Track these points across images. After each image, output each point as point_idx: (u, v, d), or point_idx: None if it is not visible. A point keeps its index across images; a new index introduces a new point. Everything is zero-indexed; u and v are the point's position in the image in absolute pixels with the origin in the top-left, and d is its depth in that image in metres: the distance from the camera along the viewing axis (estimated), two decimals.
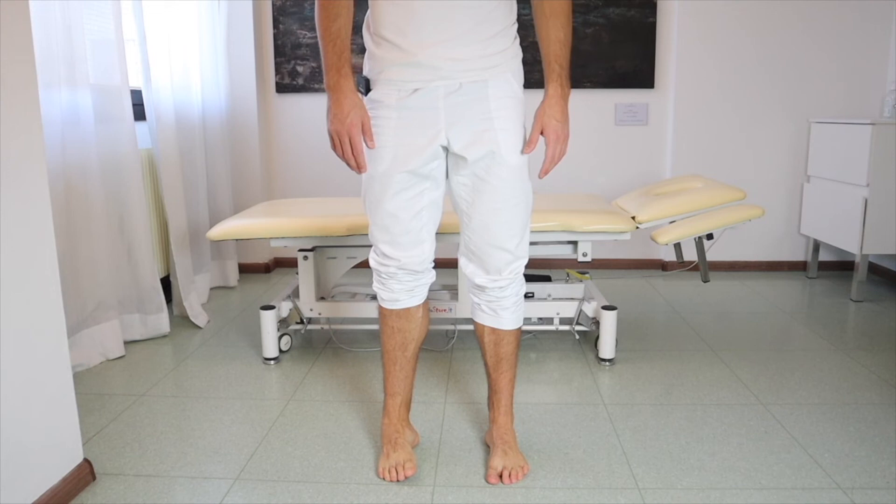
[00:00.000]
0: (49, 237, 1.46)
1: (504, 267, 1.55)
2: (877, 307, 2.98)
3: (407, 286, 1.61)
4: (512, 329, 1.64)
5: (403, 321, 1.64)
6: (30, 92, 1.41)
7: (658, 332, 2.67)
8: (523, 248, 1.57)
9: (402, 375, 1.69)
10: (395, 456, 1.63)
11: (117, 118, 2.41)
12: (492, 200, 1.49)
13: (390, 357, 1.67)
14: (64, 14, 2.13)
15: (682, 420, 1.92)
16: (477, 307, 1.65)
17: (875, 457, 1.70)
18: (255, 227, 2.25)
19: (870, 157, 2.93)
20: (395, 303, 1.62)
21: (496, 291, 1.59)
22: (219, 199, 3.28)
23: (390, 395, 1.70)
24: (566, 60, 1.48)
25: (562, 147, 1.52)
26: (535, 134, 1.50)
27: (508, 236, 1.52)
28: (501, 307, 1.61)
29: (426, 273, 1.62)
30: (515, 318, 1.64)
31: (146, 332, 2.56)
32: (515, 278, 1.59)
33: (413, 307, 1.64)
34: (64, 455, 1.53)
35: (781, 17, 3.39)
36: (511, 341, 1.65)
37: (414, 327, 1.66)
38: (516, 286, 1.61)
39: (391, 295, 1.62)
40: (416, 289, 1.62)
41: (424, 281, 1.63)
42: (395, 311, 1.63)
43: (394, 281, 1.60)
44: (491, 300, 1.61)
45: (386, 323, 1.65)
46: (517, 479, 1.60)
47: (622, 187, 3.60)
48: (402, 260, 1.56)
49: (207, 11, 3.10)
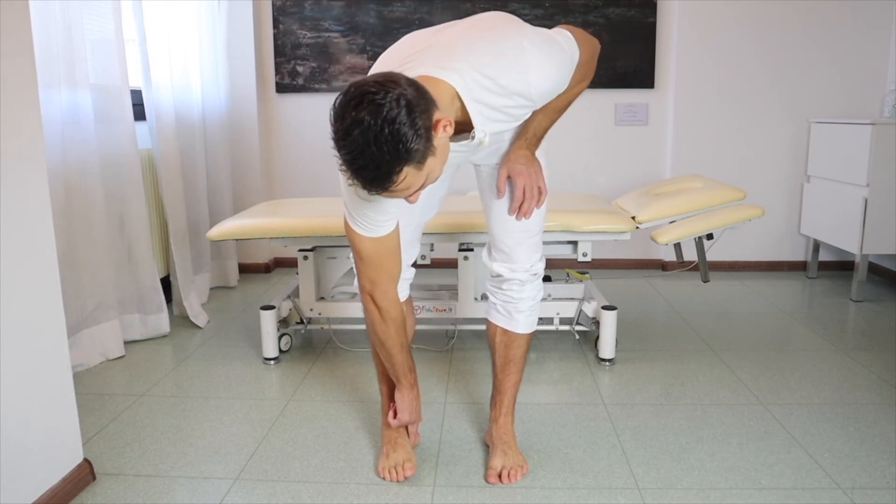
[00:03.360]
0: (49, 237, 1.46)
1: (524, 254, 1.57)
2: (877, 307, 2.98)
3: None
4: (524, 333, 1.64)
5: None
6: (30, 92, 1.41)
7: (658, 332, 2.67)
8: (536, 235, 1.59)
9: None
10: (395, 456, 1.63)
11: (117, 118, 2.41)
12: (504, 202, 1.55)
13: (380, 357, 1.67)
14: (64, 14, 2.13)
15: (682, 420, 1.92)
16: (492, 307, 1.65)
17: (875, 457, 1.70)
18: (255, 227, 2.24)
19: (870, 157, 2.93)
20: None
21: (515, 289, 1.59)
22: (219, 199, 3.28)
23: (386, 395, 1.70)
24: (543, 133, 1.52)
25: (531, 189, 1.50)
26: (502, 181, 1.52)
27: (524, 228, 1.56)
28: (517, 310, 1.61)
29: (406, 268, 1.62)
30: (529, 323, 1.64)
31: (146, 332, 2.56)
32: (534, 278, 1.60)
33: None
34: (64, 455, 1.53)
35: (781, 17, 3.39)
36: (521, 345, 1.65)
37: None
38: (533, 289, 1.61)
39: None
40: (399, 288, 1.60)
41: (405, 276, 1.62)
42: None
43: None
44: (507, 300, 1.61)
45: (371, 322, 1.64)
46: (516, 478, 1.60)
47: (622, 187, 3.59)
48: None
49: (207, 11, 3.10)
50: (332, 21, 3.47)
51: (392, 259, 1.44)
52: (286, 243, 2.29)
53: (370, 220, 1.37)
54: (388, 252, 1.42)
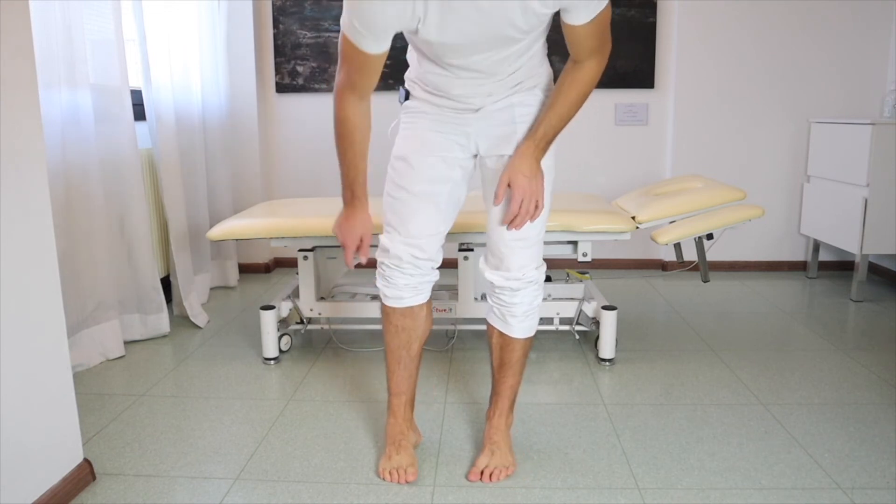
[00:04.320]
0: (49, 237, 1.46)
1: (516, 262, 1.55)
2: (877, 307, 2.98)
3: (411, 282, 1.59)
4: (519, 338, 1.63)
5: (408, 320, 1.63)
6: (30, 92, 1.41)
7: (658, 332, 2.67)
8: (532, 245, 1.57)
9: (407, 374, 1.68)
10: (398, 459, 1.63)
11: (117, 118, 2.41)
12: None
13: (394, 356, 1.66)
14: (64, 14, 2.13)
15: (682, 420, 1.92)
16: (490, 309, 1.65)
17: (875, 457, 1.70)
18: (255, 227, 2.25)
19: (870, 157, 2.93)
20: (399, 300, 1.61)
21: (507, 294, 1.58)
22: (219, 199, 3.28)
23: (395, 394, 1.69)
24: (554, 134, 1.49)
25: (528, 203, 1.48)
26: (502, 187, 1.50)
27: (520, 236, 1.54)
28: (511, 314, 1.61)
29: (431, 271, 1.61)
30: (524, 328, 1.63)
31: (146, 332, 2.56)
32: (528, 285, 1.57)
33: (417, 305, 1.62)
34: (64, 455, 1.53)
35: (781, 17, 3.39)
36: (517, 349, 1.64)
37: (418, 325, 1.64)
38: (528, 295, 1.59)
39: (395, 292, 1.60)
40: (420, 285, 1.61)
41: (429, 278, 1.62)
42: (399, 310, 1.62)
43: (398, 273, 1.58)
44: (501, 304, 1.61)
45: (390, 322, 1.64)
46: (498, 478, 1.60)
47: (622, 187, 3.59)
48: (411, 239, 1.55)
49: (207, 11, 3.10)
50: (332, 21, 3.47)
51: (376, 77, 1.43)
52: (286, 243, 2.29)
53: (373, 26, 1.32)
54: (375, 70, 1.41)
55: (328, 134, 3.62)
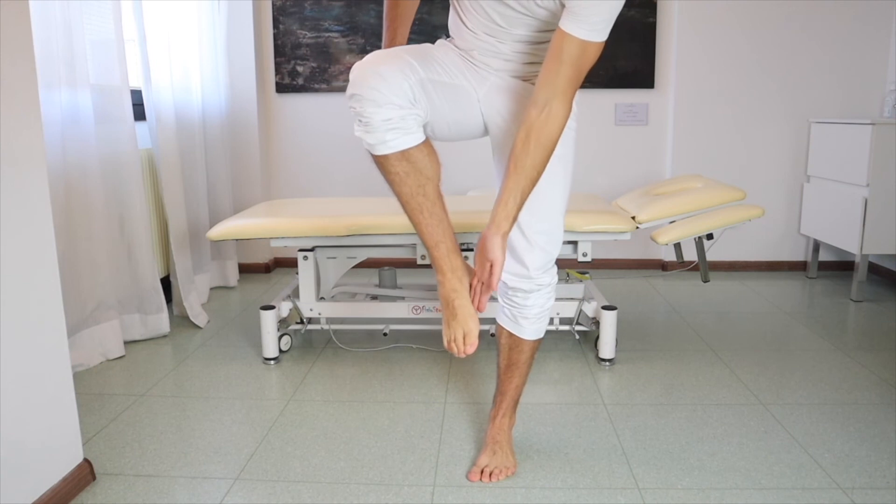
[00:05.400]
0: (49, 237, 1.46)
1: (534, 261, 1.53)
2: (877, 307, 2.98)
3: (390, 114, 1.33)
4: (529, 340, 1.64)
5: (406, 163, 1.38)
6: (30, 92, 1.41)
7: (658, 332, 2.67)
8: (554, 242, 1.55)
9: (436, 220, 1.44)
10: (455, 325, 1.47)
11: (117, 118, 2.41)
12: None
13: (412, 206, 1.42)
14: (64, 14, 2.13)
15: (682, 420, 1.92)
16: (501, 309, 1.65)
17: (875, 457, 1.70)
18: (255, 227, 2.25)
19: (870, 157, 2.93)
20: (383, 145, 1.35)
21: (520, 297, 1.58)
22: (219, 199, 3.28)
23: (431, 245, 1.45)
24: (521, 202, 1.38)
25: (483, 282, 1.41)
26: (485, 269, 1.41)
27: (539, 219, 1.52)
28: (523, 316, 1.61)
29: (408, 104, 1.36)
30: (535, 330, 1.63)
31: (146, 332, 2.56)
32: (541, 287, 1.57)
33: (410, 148, 1.37)
34: (64, 455, 1.53)
35: (781, 17, 3.39)
36: (525, 351, 1.65)
37: (423, 167, 1.39)
38: (541, 298, 1.59)
39: (377, 136, 1.34)
40: (403, 120, 1.34)
41: (412, 112, 1.35)
42: (391, 156, 1.36)
43: (369, 105, 1.31)
44: (513, 306, 1.60)
45: (388, 172, 1.39)
46: (498, 478, 1.60)
47: (622, 187, 3.59)
48: (377, 67, 1.32)
49: (207, 11, 3.10)
50: (332, 21, 3.47)
51: None
52: (286, 243, 2.29)
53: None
54: None
55: (328, 134, 3.62)
